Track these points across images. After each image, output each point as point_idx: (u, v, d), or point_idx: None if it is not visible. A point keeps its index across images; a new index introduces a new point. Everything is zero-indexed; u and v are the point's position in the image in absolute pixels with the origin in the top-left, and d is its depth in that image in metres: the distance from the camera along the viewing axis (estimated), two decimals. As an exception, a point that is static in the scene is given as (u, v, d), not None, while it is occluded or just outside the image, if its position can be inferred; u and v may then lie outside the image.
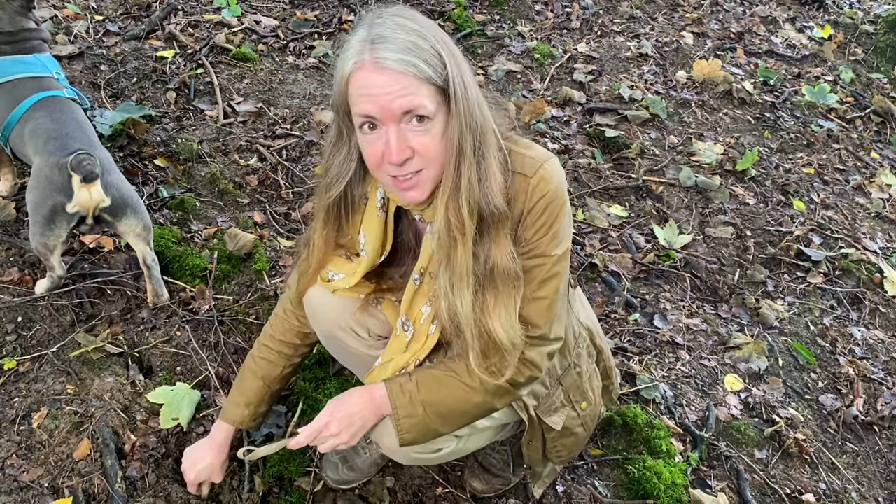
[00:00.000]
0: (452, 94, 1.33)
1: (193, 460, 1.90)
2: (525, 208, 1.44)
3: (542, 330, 1.52)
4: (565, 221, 1.47)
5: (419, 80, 1.30)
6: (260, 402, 1.89)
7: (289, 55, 3.98)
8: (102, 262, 2.57)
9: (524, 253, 1.47)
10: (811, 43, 5.07)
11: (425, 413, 1.56)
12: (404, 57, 1.29)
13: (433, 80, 1.31)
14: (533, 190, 1.43)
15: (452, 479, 2.15)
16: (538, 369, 1.56)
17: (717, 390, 2.64)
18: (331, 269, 1.69)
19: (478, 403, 1.57)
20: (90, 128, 2.38)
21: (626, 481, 2.24)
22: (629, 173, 3.62)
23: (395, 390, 1.58)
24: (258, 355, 1.90)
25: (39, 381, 2.17)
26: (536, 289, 1.49)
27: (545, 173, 1.43)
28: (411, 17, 1.34)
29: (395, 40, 1.30)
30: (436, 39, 1.32)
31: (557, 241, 1.47)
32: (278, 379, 1.90)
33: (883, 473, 2.51)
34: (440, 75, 1.32)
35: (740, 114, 4.23)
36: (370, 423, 1.62)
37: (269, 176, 3.14)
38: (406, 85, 1.30)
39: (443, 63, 1.32)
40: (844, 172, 3.97)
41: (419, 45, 1.30)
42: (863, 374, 2.80)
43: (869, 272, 3.28)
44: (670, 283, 3.07)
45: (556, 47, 4.52)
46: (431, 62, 1.31)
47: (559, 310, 1.54)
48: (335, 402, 1.64)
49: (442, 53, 1.32)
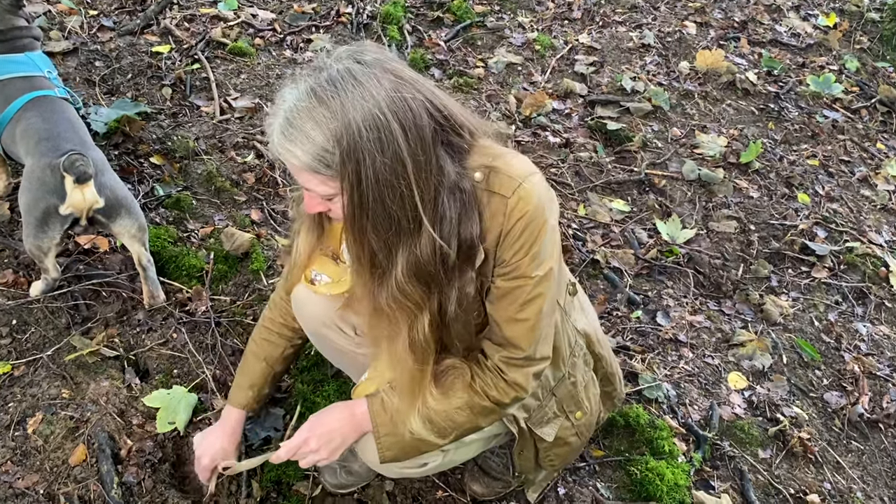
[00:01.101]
0: (343, 190, 1.29)
1: (207, 445, 1.87)
2: (503, 230, 1.40)
3: (525, 352, 1.49)
4: (546, 241, 1.41)
5: (309, 171, 1.29)
6: (263, 384, 1.90)
7: (286, 49, 3.93)
8: (98, 263, 2.54)
9: (504, 274, 1.44)
10: (816, 31, 5.00)
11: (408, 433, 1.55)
12: (291, 149, 1.27)
13: (318, 169, 1.28)
14: (511, 211, 1.38)
15: (452, 482, 2.13)
16: (523, 390, 1.53)
17: (720, 389, 2.61)
18: (315, 269, 1.67)
19: (462, 422, 1.55)
20: (83, 127, 2.34)
21: (629, 483, 2.22)
22: (631, 167, 3.58)
23: (376, 408, 1.56)
24: (259, 337, 1.91)
25: (34, 386, 2.14)
26: (518, 310, 1.46)
27: (523, 193, 1.38)
28: (340, 87, 1.25)
29: (291, 128, 1.26)
30: (344, 126, 1.23)
31: (538, 262, 1.42)
32: (280, 360, 1.90)
33: (889, 472, 2.48)
34: (326, 162, 1.26)
35: (744, 105, 4.18)
36: (351, 439, 1.61)
37: (267, 173, 3.10)
38: (296, 171, 1.32)
39: (334, 152, 1.25)
40: (849, 164, 3.92)
41: (315, 139, 1.25)
42: (868, 370, 2.77)
43: (874, 266, 3.24)
44: (673, 279, 3.04)
45: (557, 38, 4.47)
46: (322, 157, 1.26)
47: (544, 329, 1.51)
48: (315, 418, 1.63)
49: (339, 150, 1.24)
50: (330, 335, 1.78)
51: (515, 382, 1.51)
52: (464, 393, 1.52)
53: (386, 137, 1.24)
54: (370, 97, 1.23)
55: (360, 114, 1.23)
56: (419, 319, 1.43)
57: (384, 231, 1.32)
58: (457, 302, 1.45)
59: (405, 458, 1.61)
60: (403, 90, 1.27)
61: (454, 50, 4.19)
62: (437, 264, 1.36)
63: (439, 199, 1.33)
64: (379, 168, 1.25)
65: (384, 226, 1.31)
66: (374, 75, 1.26)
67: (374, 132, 1.23)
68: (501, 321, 1.49)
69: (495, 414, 1.58)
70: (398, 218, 1.30)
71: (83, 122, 2.40)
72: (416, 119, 1.27)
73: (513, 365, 1.51)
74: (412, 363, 1.47)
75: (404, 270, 1.35)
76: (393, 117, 1.24)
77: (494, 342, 1.52)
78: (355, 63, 1.27)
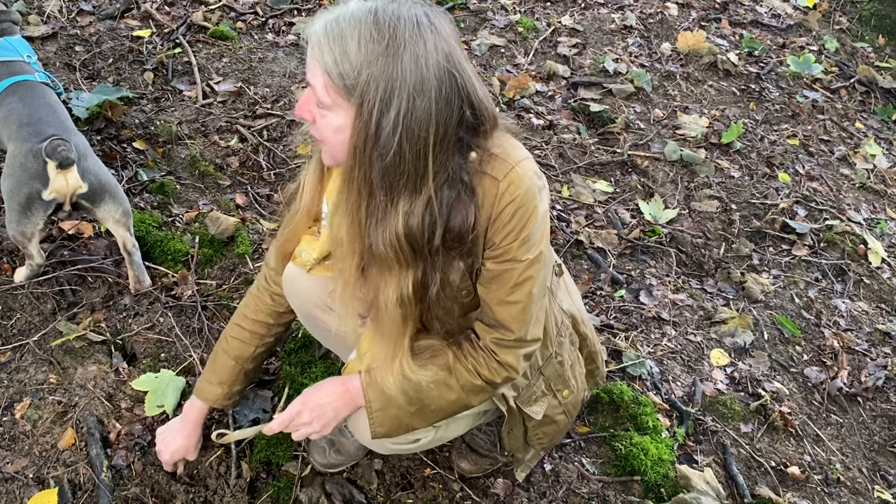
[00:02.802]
0: (357, 114, 1.28)
1: (166, 442, 1.89)
2: (493, 212, 1.40)
3: (516, 334, 1.51)
4: (536, 225, 1.42)
5: (325, 74, 1.28)
6: (233, 382, 1.87)
7: (268, 32, 3.91)
8: (83, 248, 2.53)
9: (494, 257, 1.45)
10: (796, 12, 5.04)
11: (399, 407, 1.56)
12: (324, 48, 1.27)
13: (332, 77, 1.27)
14: (501, 194, 1.39)
15: (440, 459, 2.15)
16: (515, 371, 1.55)
17: (702, 365, 2.65)
18: (302, 248, 1.67)
19: (453, 401, 1.57)
20: (64, 112, 2.33)
21: (614, 458, 2.25)
22: (614, 148, 3.60)
23: (369, 382, 1.58)
24: (230, 335, 1.88)
25: (21, 371, 2.14)
26: (509, 293, 1.47)
27: (514, 177, 1.39)
28: (402, 26, 1.25)
29: (337, 27, 1.26)
30: (386, 58, 1.23)
31: (528, 245, 1.43)
32: (251, 359, 1.88)
33: (867, 444, 2.53)
34: (346, 82, 1.26)
35: (725, 86, 4.21)
36: (343, 413, 1.62)
37: (251, 157, 3.10)
38: (313, 63, 1.30)
39: (359, 78, 1.25)
40: (829, 143, 3.96)
41: (349, 50, 1.25)
42: (847, 345, 2.82)
43: (853, 243, 3.29)
44: (656, 259, 3.07)
45: (539, 20, 4.47)
46: (346, 74, 1.26)
47: (535, 312, 1.52)
48: (309, 391, 1.64)
49: (364, 71, 1.24)
50: (321, 316, 1.78)
51: (507, 363, 1.53)
52: (439, 370, 1.54)
53: (423, 92, 1.25)
54: (423, 51, 1.24)
55: (408, 56, 1.23)
56: (406, 276, 1.42)
57: (392, 171, 1.30)
58: (439, 285, 1.46)
59: (397, 433, 1.63)
60: (452, 67, 1.27)
61: (437, 33, 4.18)
62: (422, 237, 1.37)
63: (441, 177, 1.34)
64: (409, 111, 1.25)
65: (393, 164, 1.29)
66: (435, 37, 1.26)
67: (414, 81, 1.24)
68: (492, 303, 1.50)
69: (486, 393, 1.60)
70: (408, 167, 1.29)
71: (65, 107, 2.38)
72: (451, 97, 1.28)
73: (504, 346, 1.52)
74: (398, 317, 1.46)
75: (402, 223, 1.34)
76: (435, 81, 1.25)
77: (486, 323, 1.54)
78: (425, 16, 1.27)
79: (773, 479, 2.32)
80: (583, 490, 2.16)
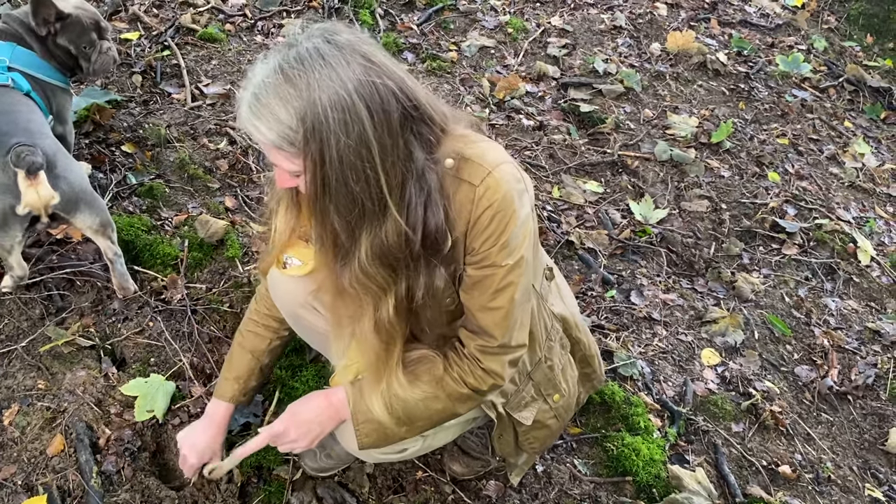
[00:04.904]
0: (307, 170, 1.29)
1: (192, 442, 1.86)
2: (472, 217, 1.40)
3: (499, 340, 1.49)
4: (516, 230, 1.41)
5: (274, 148, 1.29)
6: (249, 377, 1.89)
7: (257, 34, 3.90)
8: (71, 252, 2.51)
9: (475, 262, 1.44)
10: (784, 12, 5.06)
11: (385, 422, 1.56)
12: (257, 125, 1.27)
13: (283, 147, 1.28)
14: (479, 200, 1.38)
15: (432, 462, 2.15)
16: (500, 378, 1.54)
17: (693, 365, 2.65)
18: (289, 254, 1.67)
19: (439, 410, 1.56)
20: (28, 113, 2.20)
21: (605, 459, 2.26)
22: (604, 148, 3.61)
23: (354, 395, 1.58)
24: (245, 329, 1.91)
25: (9, 377, 2.13)
26: (491, 298, 1.46)
27: (491, 181, 1.37)
28: (308, 66, 1.24)
29: (258, 103, 1.26)
30: (309, 105, 1.22)
31: (508, 250, 1.42)
32: (266, 352, 1.90)
33: (857, 442, 2.55)
34: (294, 141, 1.26)
35: (714, 85, 4.22)
36: (329, 427, 1.63)
37: (240, 160, 3.09)
38: (262, 145, 1.32)
39: (302, 138, 1.25)
40: (818, 142, 3.98)
41: (279, 116, 1.24)
42: (837, 344, 2.84)
43: (843, 242, 3.30)
44: (647, 259, 3.08)
45: (529, 21, 4.47)
46: (286, 135, 1.25)
47: (519, 317, 1.51)
48: (295, 407, 1.65)
49: (303, 128, 1.24)
50: (306, 315, 1.77)
51: (492, 370, 1.52)
52: (428, 386, 1.53)
53: (351, 119, 1.23)
54: (337, 78, 1.23)
55: (325, 94, 1.22)
56: (384, 301, 1.43)
57: (347, 212, 1.32)
58: (425, 289, 1.45)
59: (384, 444, 1.63)
60: (373, 74, 1.26)
61: (427, 34, 4.18)
62: (402, 249, 1.37)
63: (407, 185, 1.33)
64: (343, 149, 1.24)
65: (347, 207, 1.31)
66: (343, 57, 1.25)
67: (339, 113, 1.23)
68: (475, 309, 1.49)
69: (473, 401, 1.59)
70: (362, 200, 1.30)
71: (35, 105, 2.28)
72: (384, 104, 1.26)
73: (488, 353, 1.51)
74: (377, 344, 1.48)
75: (368, 253, 1.36)
76: (360, 100, 1.24)
77: (470, 330, 1.53)
78: (326, 43, 1.26)
79: (764, 478, 2.32)
80: (575, 491, 2.16)
